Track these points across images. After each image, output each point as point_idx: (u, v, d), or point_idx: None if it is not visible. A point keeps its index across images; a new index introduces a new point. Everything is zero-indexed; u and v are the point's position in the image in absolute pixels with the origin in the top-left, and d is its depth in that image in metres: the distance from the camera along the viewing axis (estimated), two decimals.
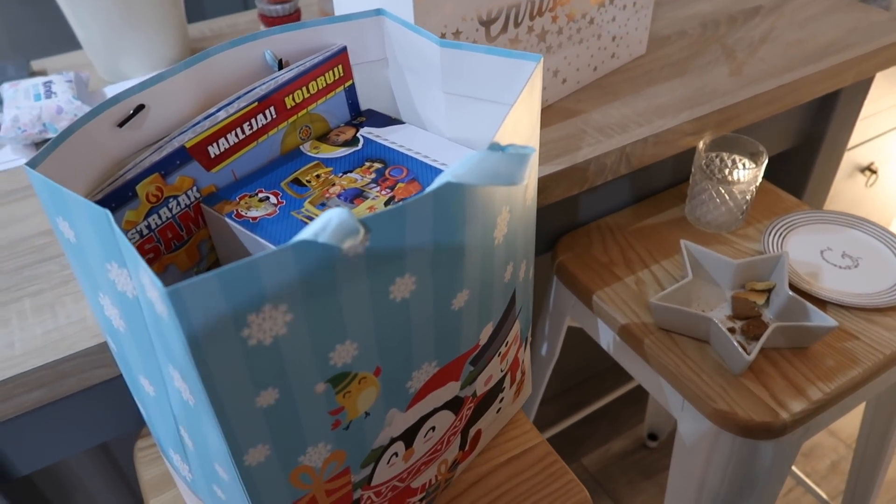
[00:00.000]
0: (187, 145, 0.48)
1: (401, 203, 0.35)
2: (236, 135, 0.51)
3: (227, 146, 0.51)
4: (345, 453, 0.45)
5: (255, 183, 0.52)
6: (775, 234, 0.85)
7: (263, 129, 0.53)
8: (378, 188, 0.51)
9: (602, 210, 0.92)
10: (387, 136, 0.57)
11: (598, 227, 0.90)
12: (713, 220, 0.87)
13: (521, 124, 0.45)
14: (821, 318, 0.71)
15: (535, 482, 0.63)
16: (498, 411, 0.62)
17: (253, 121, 0.52)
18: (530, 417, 1.11)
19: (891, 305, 0.76)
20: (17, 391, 0.57)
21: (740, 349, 0.68)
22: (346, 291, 0.37)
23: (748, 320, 0.75)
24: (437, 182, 0.37)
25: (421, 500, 0.58)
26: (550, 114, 0.84)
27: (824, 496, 1.17)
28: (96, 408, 0.65)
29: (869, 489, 0.99)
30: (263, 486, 0.42)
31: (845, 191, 1.32)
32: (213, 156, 0.50)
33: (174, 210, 0.49)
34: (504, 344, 0.56)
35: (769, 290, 0.77)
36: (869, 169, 1.34)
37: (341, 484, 0.47)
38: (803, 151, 1.15)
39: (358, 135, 0.58)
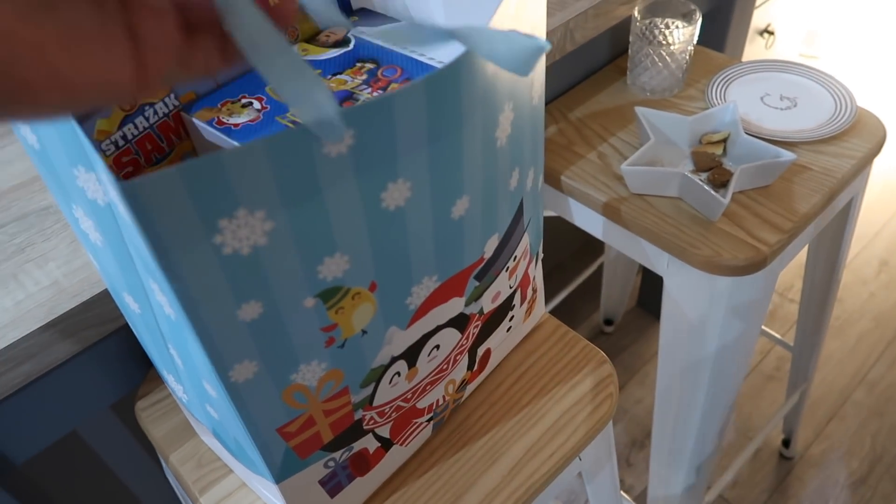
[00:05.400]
0: None
1: (388, 93, 0.32)
2: None
3: None
4: (341, 372, 0.43)
5: (238, 88, 0.48)
6: (717, 88, 0.88)
7: None
8: (369, 89, 0.48)
9: (548, 96, 0.92)
10: (380, 36, 0.53)
11: (549, 113, 0.90)
12: (657, 85, 0.88)
13: (526, 9, 0.41)
14: (780, 154, 0.74)
15: (552, 354, 0.64)
16: (508, 330, 0.61)
17: None
18: None
19: (833, 134, 0.81)
20: (2, 368, 0.52)
21: (716, 194, 0.71)
22: (332, 198, 0.34)
23: (711, 171, 0.78)
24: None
25: (429, 420, 0.56)
26: None
27: (777, 335, 1.26)
28: (92, 372, 0.61)
29: (822, 321, 1.08)
30: (253, 403, 0.39)
31: (750, 55, 1.38)
32: None
33: (151, 119, 0.44)
34: (512, 258, 0.54)
35: (724, 140, 0.80)
36: (766, 31, 1.40)
37: (340, 404, 0.45)
38: (717, 13, 1.18)
39: (349, 35, 0.53)
